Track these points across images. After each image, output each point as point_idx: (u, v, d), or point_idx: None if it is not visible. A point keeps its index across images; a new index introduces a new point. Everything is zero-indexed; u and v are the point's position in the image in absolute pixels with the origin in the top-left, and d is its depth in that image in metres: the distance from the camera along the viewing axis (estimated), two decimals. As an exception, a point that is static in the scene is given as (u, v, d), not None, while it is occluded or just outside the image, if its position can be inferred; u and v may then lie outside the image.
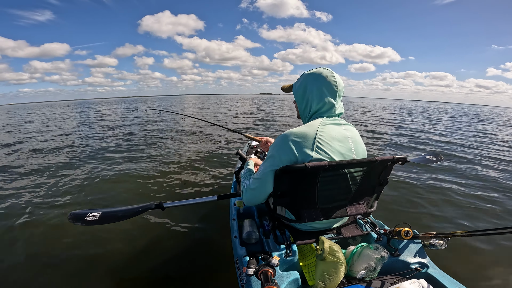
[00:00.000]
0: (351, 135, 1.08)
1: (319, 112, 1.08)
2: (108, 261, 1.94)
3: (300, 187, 1.03)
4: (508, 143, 7.48)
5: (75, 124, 11.44)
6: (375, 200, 1.21)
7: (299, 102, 1.15)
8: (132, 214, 1.02)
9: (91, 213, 1.00)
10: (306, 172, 0.94)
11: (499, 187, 3.50)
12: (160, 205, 1.04)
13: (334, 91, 1.06)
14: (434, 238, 1.06)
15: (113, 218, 1.01)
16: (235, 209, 1.65)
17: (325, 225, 1.23)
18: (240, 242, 1.32)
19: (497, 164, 4.81)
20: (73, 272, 1.84)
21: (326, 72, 1.07)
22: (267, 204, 1.28)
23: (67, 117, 16.03)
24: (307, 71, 1.12)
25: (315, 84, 1.07)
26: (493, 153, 5.83)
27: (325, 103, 1.06)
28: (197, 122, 9.81)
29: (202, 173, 3.94)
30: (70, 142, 6.80)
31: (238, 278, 1.18)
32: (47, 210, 2.77)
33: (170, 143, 6.41)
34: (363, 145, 1.14)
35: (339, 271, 0.95)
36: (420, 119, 14.83)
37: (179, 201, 1.11)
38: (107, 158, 4.96)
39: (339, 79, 1.07)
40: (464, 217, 2.60)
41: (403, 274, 1.03)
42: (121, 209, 1.07)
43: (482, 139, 7.89)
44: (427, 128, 10.26)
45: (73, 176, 3.94)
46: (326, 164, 0.93)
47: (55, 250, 2.08)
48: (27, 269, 1.87)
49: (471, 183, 3.59)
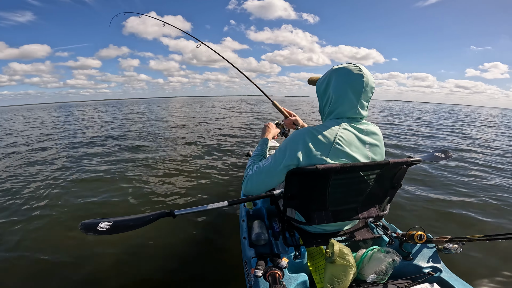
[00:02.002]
0: (371, 141, 1.02)
1: (338, 111, 1.00)
2: (116, 263, 1.97)
3: (311, 189, 1.01)
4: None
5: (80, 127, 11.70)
6: (388, 203, 1.18)
7: (320, 98, 1.08)
8: (144, 223, 1.03)
9: (102, 223, 1.00)
10: (317, 174, 0.92)
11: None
12: (171, 212, 1.05)
13: (359, 90, 0.96)
14: (449, 242, 1.02)
15: (125, 228, 1.02)
16: (244, 210, 1.66)
17: (335, 228, 1.21)
18: (249, 243, 1.32)
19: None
20: (80, 277, 1.86)
21: (353, 68, 0.96)
22: (277, 206, 1.28)
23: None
24: (335, 66, 1.02)
25: (339, 80, 0.98)
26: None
27: (347, 102, 0.97)
28: (205, 126, 9.88)
29: (211, 177, 3.91)
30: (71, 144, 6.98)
31: (246, 279, 1.18)
32: (60, 215, 2.84)
33: (178, 147, 6.42)
34: (382, 151, 1.08)
35: (349, 275, 0.93)
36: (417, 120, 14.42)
37: (190, 208, 1.11)
38: (109, 162, 5.06)
39: (368, 77, 0.96)
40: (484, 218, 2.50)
41: (415, 278, 1.00)
42: (132, 218, 1.06)
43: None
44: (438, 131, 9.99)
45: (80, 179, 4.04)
46: (338, 166, 0.90)
47: (62, 255, 2.10)
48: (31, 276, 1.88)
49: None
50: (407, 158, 1.01)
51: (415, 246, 1.12)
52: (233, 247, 1.95)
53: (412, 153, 2.68)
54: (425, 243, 1.08)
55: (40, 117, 19.94)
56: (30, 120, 16.85)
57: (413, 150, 6.00)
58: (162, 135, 8.01)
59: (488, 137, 8.83)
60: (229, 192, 3.37)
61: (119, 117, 15.97)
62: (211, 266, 1.88)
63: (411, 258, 1.09)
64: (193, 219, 2.53)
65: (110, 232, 0.98)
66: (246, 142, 6.66)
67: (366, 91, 0.97)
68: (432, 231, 1.09)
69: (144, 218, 1.06)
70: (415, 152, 5.66)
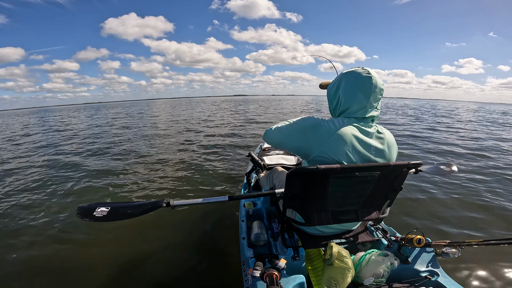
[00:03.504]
0: (377, 145, 1.02)
1: (348, 111, 1.03)
2: (112, 259, 1.98)
3: (311, 190, 1.02)
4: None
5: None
6: (388, 206, 1.17)
7: (331, 101, 1.12)
8: (142, 212, 1.00)
9: (100, 208, 0.99)
10: (317, 174, 0.93)
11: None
12: (170, 203, 1.03)
13: (367, 91, 0.99)
14: (447, 246, 1.03)
15: (122, 215, 0.99)
16: (244, 210, 1.66)
17: (334, 230, 1.21)
18: (248, 243, 1.32)
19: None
20: (75, 271, 1.88)
21: (362, 70, 1.01)
22: (277, 207, 1.28)
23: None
24: (345, 70, 1.08)
25: (349, 82, 1.02)
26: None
27: (356, 102, 1.01)
28: (207, 124, 9.88)
29: (213, 174, 3.97)
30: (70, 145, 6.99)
31: (244, 280, 1.19)
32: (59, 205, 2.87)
33: (180, 145, 6.50)
34: (392, 156, 1.06)
35: (346, 277, 0.94)
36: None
37: (189, 200, 1.09)
38: (113, 159, 5.08)
39: (377, 79, 1.00)
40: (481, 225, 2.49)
41: (412, 282, 1.01)
42: (130, 204, 1.04)
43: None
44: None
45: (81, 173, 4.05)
46: (338, 167, 0.91)
47: (59, 248, 2.14)
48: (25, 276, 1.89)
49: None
50: (408, 161, 1.00)
51: (413, 250, 1.12)
52: (231, 247, 1.96)
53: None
54: (424, 247, 1.08)
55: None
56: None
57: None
58: (160, 133, 8.02)
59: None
60: (229, 188, 3.41)
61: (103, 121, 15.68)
62: (209, 265, 1.89)
63: (409, 262, 1.09)
64: (193, 218, 2.54)
65: (107, 219, 0.97)
66: (245, 140, 6.68)
67: (375, 92, 1.00)
68: (431, 235, 1.09)
69: (142, 206, 1.03)
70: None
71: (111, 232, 2.32)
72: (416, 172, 1.30)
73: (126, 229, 2.33)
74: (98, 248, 2.15)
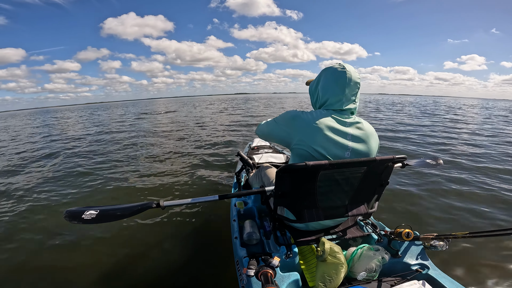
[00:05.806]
0: (353, 133, 1.05)
1: (326, 104, 1.10)
2: (104, 262, 1.94)
3: (301, 186, 1.03)
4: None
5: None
6: (376, 201, 1.20)
7: (312, 96, 1.21)
8: (131, 213, 0.98)
9: (88, 211, 0.96)
10: (306, 171, 0.94)
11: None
12: (160, 204, 1.01)
13: (343, 84, 1.05)
14: (435, 239, 1.05)
15: (111, 217, 0.97)
16: (235, 210, 1.65)
17: (325, 226, 1.23)
18: (241, 243, 1.32)
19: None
20: (63, 273, 1.84)
21: (337, 66, 1.08)
22: (268, 205, 1.28)
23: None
24: (324, 67, 1.15)
25: (326, 77, 1.10)
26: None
27: (333, 95, 1.07)
28: (198, 122, 9.78)
29: (203, 175, 3.93)
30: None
31: (239, 279, 1.18)
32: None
33: (168, 144, 6.42)
34: (370, 145, 1.09)
35: (340, 272, 0.95)
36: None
37: (179, 200, 1.08)
38: (102, 162, 4.97)
39: (352, 73, 1.06)
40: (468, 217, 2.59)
41: (404, 276, 1.03)
42: (119, 207, 1.02)
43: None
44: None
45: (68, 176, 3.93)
46: (327, 163, 0.93)
47: (48, 252, 2.09)
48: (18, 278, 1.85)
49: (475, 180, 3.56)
50: (393, 156, 1.03)
51: (403, 243, 1.14)
52: (224, 246, 1.94)
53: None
54: (413, 240, 1.10)
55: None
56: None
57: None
58: (158, 133, 7.88)
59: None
60: (220, 188, 3.40)
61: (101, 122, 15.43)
62: (203, 266, 1.87)
63: (399, 256, 1.11)
64: (184, 218, 2.50)
65: (96, 221, 0.95)
66: (241, 137, 6.66)
67: (350, 85, 1.06)
68: (419, 228, 1.12)
69: (131, 208, 1.01)
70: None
71: (100, 234, 2.26)
72: (403, 166, 1.36)
73: (116, 232, 2.28)
74: (88, 250, 2.10)
